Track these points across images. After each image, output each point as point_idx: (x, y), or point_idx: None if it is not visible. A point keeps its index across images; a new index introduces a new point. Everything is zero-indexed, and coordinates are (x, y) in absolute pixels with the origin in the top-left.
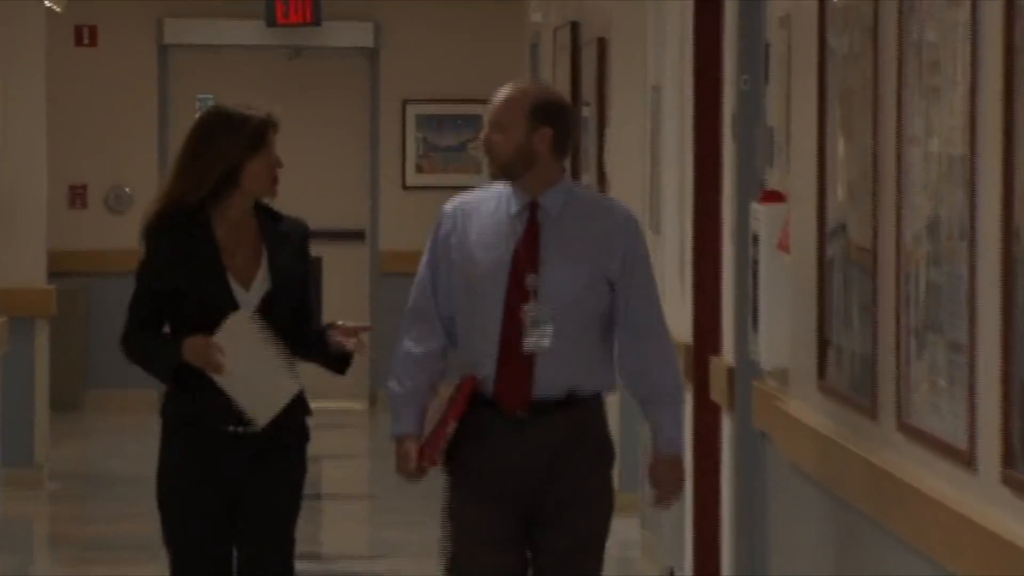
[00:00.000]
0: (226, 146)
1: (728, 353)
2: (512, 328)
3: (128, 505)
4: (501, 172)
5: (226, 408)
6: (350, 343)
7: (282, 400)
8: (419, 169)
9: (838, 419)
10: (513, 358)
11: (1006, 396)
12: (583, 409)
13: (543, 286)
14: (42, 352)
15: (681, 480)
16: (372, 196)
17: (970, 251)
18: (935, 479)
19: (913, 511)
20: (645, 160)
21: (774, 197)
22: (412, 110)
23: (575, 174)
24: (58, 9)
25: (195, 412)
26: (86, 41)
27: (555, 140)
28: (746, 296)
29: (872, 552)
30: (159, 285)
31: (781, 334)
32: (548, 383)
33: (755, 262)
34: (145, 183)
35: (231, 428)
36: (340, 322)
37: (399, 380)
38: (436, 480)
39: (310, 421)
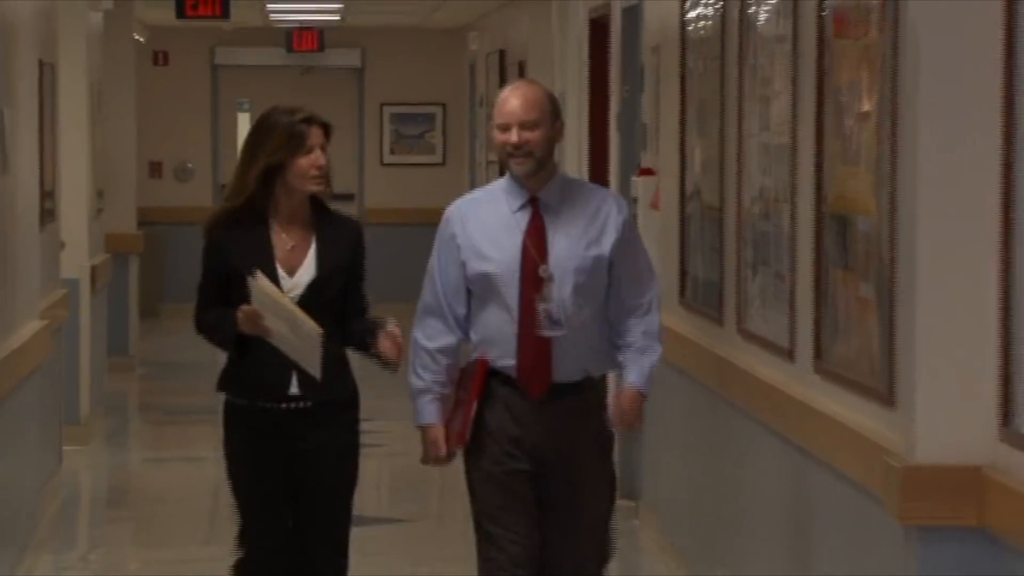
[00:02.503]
0: (268, 145)
1: None
2: (528, 318)
3: (193, 383)
4: (537, 167)
5: (280, 381)
6: (394, 354)
7: (317, 345)
8: (392, 151)
9: (694, 325)
10: (533, 346)
11: (817, 310)
12: (592, 392)
13: (554, 274)
14: (134, 277)
15: (641, 413)
16: (359, 169)
17: (791, 210)
18: (765, 367)
19: (750, 390)
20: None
21: (647, 172)
22: (387, 110)
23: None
24: (142, 40)
25: (253, 380)
26: (161, 62)
27: (562, 129)
28: None
29: (721, 419)
30: (219, 268)
31: (655, 266)
32: (566, 368)
33: (635, 216)
34: (201, 160)
35: (283, 406)
36: (390, 326)
37: (418, 375)
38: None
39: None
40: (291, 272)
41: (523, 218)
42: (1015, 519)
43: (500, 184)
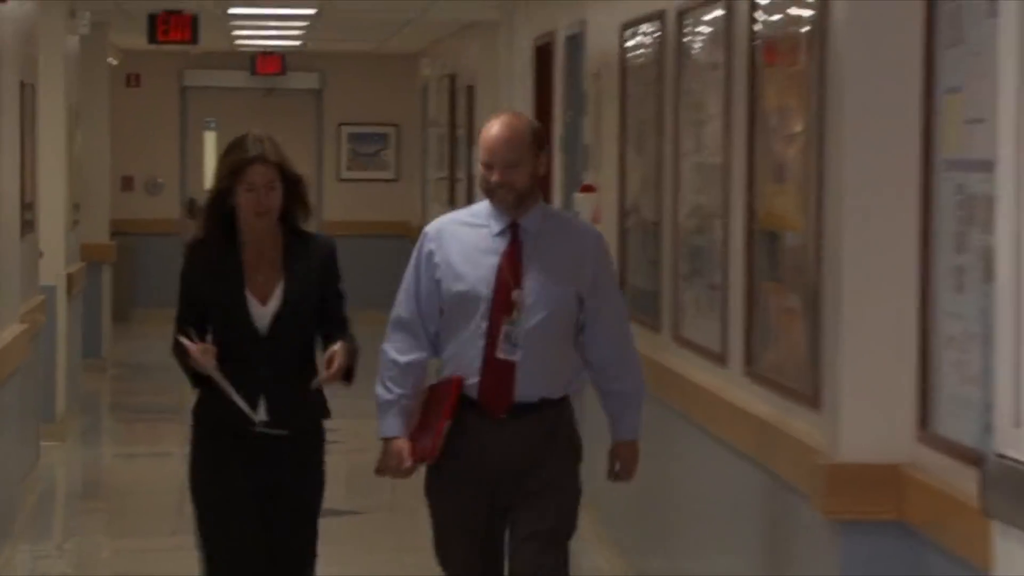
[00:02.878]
0: (218, 175)
1: None
2: (495, 340)
3: (161, 383)
4: (518, 202)
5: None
6: (329, 377)
7: (246, 406)
8: (348, 167)
9: (633, 332)
10: (496, 367)
11: (748, 318)
12: (555, 410)
13: (525, 300)
14: (107, 284)
15: (637, 461)
16: (318, 184)
17: (724, 225)
18: (699, 372)
19: (685, 393)
20: None
21: (589, 189)
22: (344, 129)
23: (453, 176)
24: (115, 63)
25: (220, 416)
26: (133, 84)
27: (548, 161)
28: None
29: (658, 420)
30: (193, 296)
31: None
32: (527, 389)
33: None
34: (170, 175)
35: (256, 429)
36: (336, 347)
37: (387, 387)
38: None
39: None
40: (263, 301)
41: (502, 242)
42: (930, 513)
43: (483, 207)
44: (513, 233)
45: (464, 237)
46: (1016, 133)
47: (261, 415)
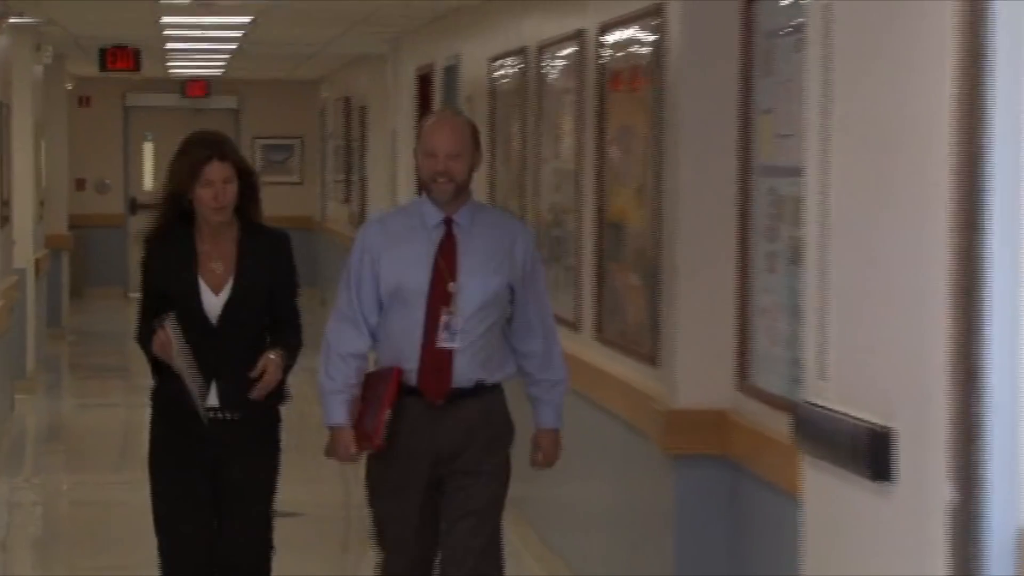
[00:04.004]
0: (175, 174)
1: None
2: (433, 330)
3: (110, 347)
4: (457, 191)
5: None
6: (257, 391)
7: (200, 400)
8: (261, 173)
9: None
10: (434, 355)
11: (598, 293)
12: (489, 395)
13: (460, 292)
14: (65, 267)
15: (559, 448)
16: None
17: (577, 218)
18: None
19: None
20: (387, 168)
21: None
22: (258, 142)
23: (348, 179)
24: (71, 87)
25: (175, 401)
26: (85, 104)
27: (479, 161)
28: None
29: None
30: (152, 286)
31: None
32: (462, 376)
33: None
34: (116, 177)
35: (212, 414)
36: (272, 356)
37: (330, 376)
38: None
39: (283, 407)
40: (216, 291)
41: (437, 236)
42: (747, 449)
43: (416, 203)
44: (447, 227)
45: (401, 232)
46: (819, 146)
47: (212, 400)
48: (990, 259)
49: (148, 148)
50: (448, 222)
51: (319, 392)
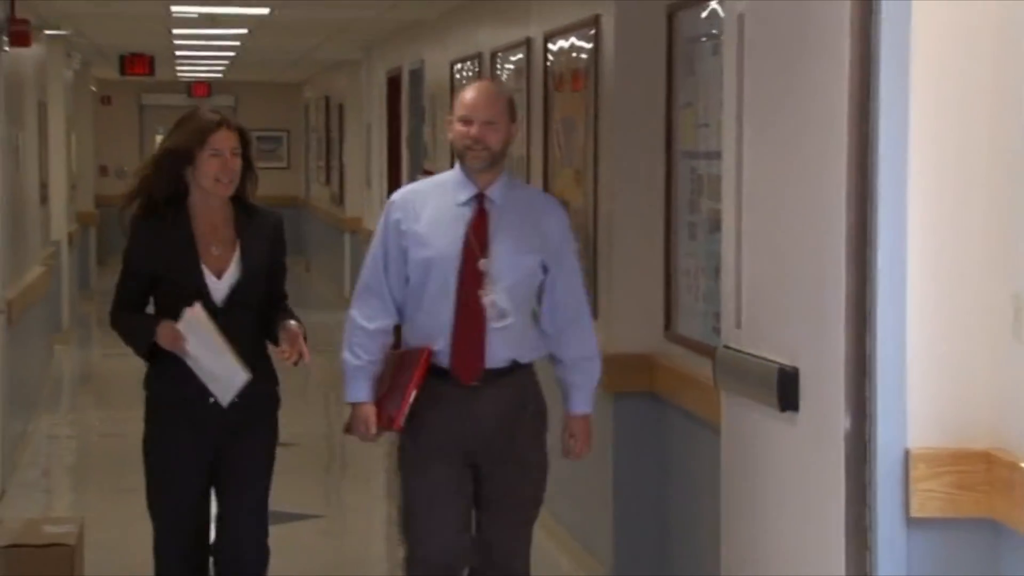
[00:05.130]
0: (177, 133)
1: None
2: (465, 307)
3: None
4: (492, 161)
5: (202, 386)
6: (292, 356)
7: (236, 386)
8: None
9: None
10: (466, 334)
11: None
12: (524, 375)
13: (492, 269)
14: (92, 239)
15: (591, 436)
16: None
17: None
18: None
19: None
20: (362, 156)
21: (428, 172)
22: (252, 134)
23: (328, 165)
24: (95, 89)
25: (176, 389)
26: (107, 103)
27: (516, 133)
28: None
29: None
30: (141, 269)
31: None
32: (496, 356)
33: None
34: (133, 164)
35: (210, 400)
36: (292, 323)
37: (354, 352)
38: None
39: (279, 389)
40: (219, 275)
41: (468, 212)
42: (671, 386)
43: (449, 176)
44: (479, 203)
45: (431, 205)
46: (734, 133)
47: (240, 379)
48: (879, 225)
49: (159, 140)
50: (480, 198)
51: (342, 367)
